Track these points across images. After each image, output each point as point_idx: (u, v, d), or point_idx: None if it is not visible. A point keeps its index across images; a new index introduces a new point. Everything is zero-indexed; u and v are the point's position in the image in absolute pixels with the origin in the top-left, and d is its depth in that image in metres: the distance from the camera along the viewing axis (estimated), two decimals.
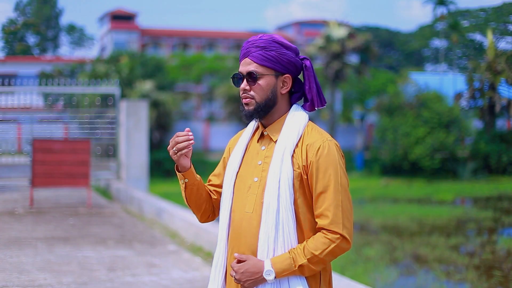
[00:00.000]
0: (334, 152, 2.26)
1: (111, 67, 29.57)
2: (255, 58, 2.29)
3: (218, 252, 2.39)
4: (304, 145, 2.27)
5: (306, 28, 51.85)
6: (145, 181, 13.89)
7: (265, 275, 2.18)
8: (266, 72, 2.29)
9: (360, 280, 7.72)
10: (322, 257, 2.18)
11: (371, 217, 15.49)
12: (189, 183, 2.37)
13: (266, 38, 2.31)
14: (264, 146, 2.35)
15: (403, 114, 27.93)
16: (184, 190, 2.39)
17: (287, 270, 2.17)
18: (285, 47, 2.32)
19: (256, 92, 2.29)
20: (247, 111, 2.32)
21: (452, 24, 31.83)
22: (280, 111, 2.35)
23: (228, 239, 2.36)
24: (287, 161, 2.25)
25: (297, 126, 2.30)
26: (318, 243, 2.18)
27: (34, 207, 11.14)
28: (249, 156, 2.38)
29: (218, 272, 2.37)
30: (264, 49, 2.29)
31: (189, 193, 2.40)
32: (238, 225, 2.31)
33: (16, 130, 14.98)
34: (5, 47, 49.78)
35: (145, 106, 14.16)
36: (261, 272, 2.18)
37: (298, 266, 2.17)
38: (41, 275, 6.23)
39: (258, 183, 2.30)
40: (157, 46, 49.22)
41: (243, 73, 2.32)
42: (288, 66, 2.31)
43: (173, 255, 7.29)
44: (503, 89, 25.66)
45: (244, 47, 2.32)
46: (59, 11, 53.69)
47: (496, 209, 17.03)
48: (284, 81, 2.33)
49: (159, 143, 29.07)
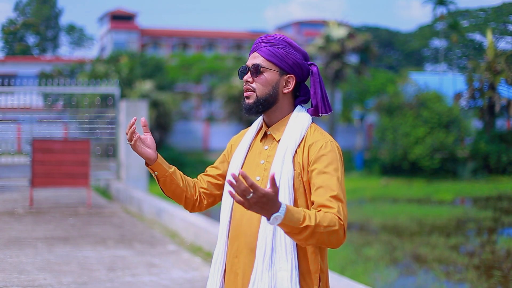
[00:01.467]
0: (335, 151, 2.28)
1: (111, 67, 29.57)
2: (262, 53, 2.35)
3: (218, 249, 2.40)
4: (306, 146, 2.29)
5: (306, 28, 51.85)
6: (145, 181, 13.89)
7: (274, 215, 2.00)
8: (271, 68, 2.34)
9: (360, 280, 7.72)
10: (324, 231, 2.09)
11: (371, 217, 15.49)
12: (160, 175, 2.39)
13: (278, 37, 2.38)
14: (267, 146, 2.37)
15: (402, 114, 27.92)
16: (158, 183, 2.43)
17: (292, 223, 2.04)
18: (294, 48, 2.37)
19: (258, 84, 2.33)
20: (246, 104, 2.35)
21: (452, 24, 31.83)
22: (283, 110, 2.37)
23: (229, 237, 2.37)
24: (288, 161, 2.26)
25: (300, 126, 2.32)
26: (327, 217, 2.11)
27: (34, 207, 11.15)
28: (252, 155, 2.41)
29: (217, 270, 2.38)
30: (273, 45, 2.35)
31: (163, 185, 2.42)
32: (239, 223, 2.32)
33: (16, 130, 14.98)
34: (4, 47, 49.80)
35: (145, 106, 14.17)
36: (275, 209, 2.00)
37: (303, 226, 2.06)
38: (41, 275, 6.23)
39: (260, 182, 2.32)
40: (156, 46, 49.22)
41: (249, 65, 2.37)
42: (293, 67, 2.35)
43: (173, 255, 7.29)
44: (502, 89, 25.66)
45: (256, 42, 2.39)
46: (59, 11, 53.67)
47: (495, 209, 17.03)
48: (287, 81, 2.36)
49: (159, 143, 29.05)
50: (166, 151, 28.91)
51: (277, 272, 2.22)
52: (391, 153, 27.37)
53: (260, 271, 2.23)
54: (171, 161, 28.30)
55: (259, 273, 2.23)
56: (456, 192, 21.53)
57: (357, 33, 32.72)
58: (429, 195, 20.72)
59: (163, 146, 29.50)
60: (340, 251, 10.51)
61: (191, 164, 29.34)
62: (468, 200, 20.25)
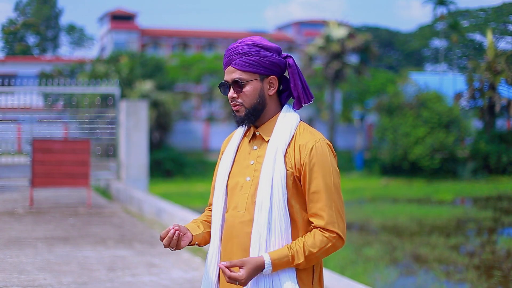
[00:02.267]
0: (326, 152, 2.30)
1: (111, 67, 29.55)
2: (237, 66, 2.32)
3: (212, 251, 2.42)
4: (297, 145, 2.30)
5: (306, 28, 51.81)
6: (145, 181, 13.89)
7: (264, 271, 2.22)
8: (251, 78, 2.32)
9: (360, 280, 7.72)
10: (318, 255, 2.23)
11: (370, 217, 15.49)
12: (199, 241, 2.45)
13: (246, 44, 2.34)
14: (256, 146, 2.38)
15: (403, 114, 27.93)
16: (199, 245, 2.47)
17: (284, 266, 2.22)
18: (266, 49, 2.34)
19: (244, 98, 2.33)
20: (238, 117, 2.37)
21: (452, 24, 31.83)
22: (270, 111, 2.37)
23: (222, 238, 2.39)
24: (279, 161, 2.28)
25: (289, 126, 2.33)
26: (317, 241, 2.22)
27: (34, 207, 11.14)
28: (241, 156, 2.41)
29: (212, 271, 2.40)
30: (245, 55, 2.32)
31: (205, 243, 2.49)
32: (231, 224, 2.34)
33: (16, 130, 14.98)
34: (5, 47, 49.77)
35: (145, 106, 14.16)
36: (261, 269, 2.21)
37: (295, 264, 2.22)
38: (41, 275, 6.23)
39: (251, 182, 2.32)
40: (157, 46, 49.19)
41: (228, 81, 2.35)
42: (271, 68, 2.33)
43: (173, 255, 7.29)
44: (503, 89, 25.66)
45: (226, 56, 2.36)
46: (59, 11, 53.64)
47: (495, 209, 17.03)
48: (270, 83, 2.35)
49: (159, 143, 29.06)
50: (166, 151, 28.91)
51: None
52: (391, 153, 27.37)
53: None
54: (171, 161, 28.35)
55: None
56: (456, 192, 21.54)
57: (357, 33, 32.73)
58: (429, 195, 20.72)
59: (163, 146, 29.49)
60: (340, 251, 10.50)
61: (191, 164, 29.35)
62: (468, 200, 20.26)
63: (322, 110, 36.11)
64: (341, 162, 30.05)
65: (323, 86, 35.22)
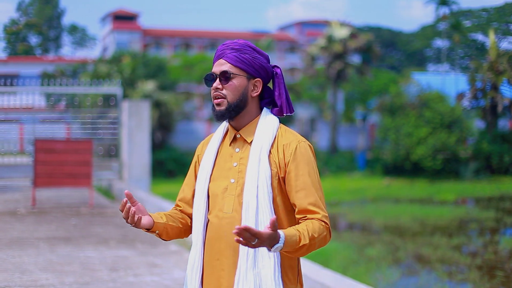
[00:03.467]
0: (309, 152, 2.37)
1: (113, 67, 29.57)
2: (229, 59, 2.38)
3: (194, 254, 2.41)
4: (280, 145, 2.35)
5: (308, 28, 51.83)
6: (147, 181, 13.90)
7: (275, 246, 2.11)
8: (239, 73, 2.37)
9: (362, 280, 7.72)
10: (317, 242, 2.23)
11: (373, 217, 15.48)
12: (160, 231, 2.43)
13: (242, 43, 2.41)
14: (238, 148, 2.40)
15: (405, 114, 27.90)
16: (160, 237, 2.46)
17: (291, 246, 2.16)
18: (258, 53, 2.42)
19: (228, 91, 2.36)
20: (218, 111, 2.38)
21: (454, 24, 31.81)
22: (251, 114, 2.41)
23: (205, 240, 2.39)
24: (264, 161, 2.31)
25: (271, 127, 2.38)
26: (316, 227, 2.24)
27: (36, 207, 11.16)
28: (221, 159, 2.43)
29: (194, 275, 2.40)
30: (239, 51, 2.38)
31: (166, 236, 2.46)
32: (218, 226, 2.35)
33: (18, 130, 15.00)
34: (7, 48, 49.80)
35: (147, 106, 14.17)
36: (275, 242, 2.10)
37: (300, 245, 2.18)
38: (43, 275, 6.24)
39: (236, 184, 2.35)
40: (159, 46, 49.23)
41: (216, 73, 2.39)
42: (260, 71, 2.40)
43: (174, 255, 7.29)
44: (505, 89, 25.62)
45: (219, 49, 2.41)
46: (61, 11, 53.68)
47: (498, 209, 17.01)
48: (255, 85, 2.41)
49: (161, 143, 29.07)
50: (168, 151, 28.92)
51: (261, 270, 2.26)
52: (393, 153, 27.35)
53: (244, 270, 2.26)
54: (174, 161, 28.36)
55: (243, 272, 2.26)
56: (458, 193, 21.51)
57: (359, 33, 32.72)
58: (431, 195, 20.70)
59: (165, 147, 29.50)
60: (342, 251, 10.51)
61: None
62: (470, 200, 20.24)
63: (324, 110, 36.10)
64: (343, 162, 30.06)
65: (325, 86, 35.22)
